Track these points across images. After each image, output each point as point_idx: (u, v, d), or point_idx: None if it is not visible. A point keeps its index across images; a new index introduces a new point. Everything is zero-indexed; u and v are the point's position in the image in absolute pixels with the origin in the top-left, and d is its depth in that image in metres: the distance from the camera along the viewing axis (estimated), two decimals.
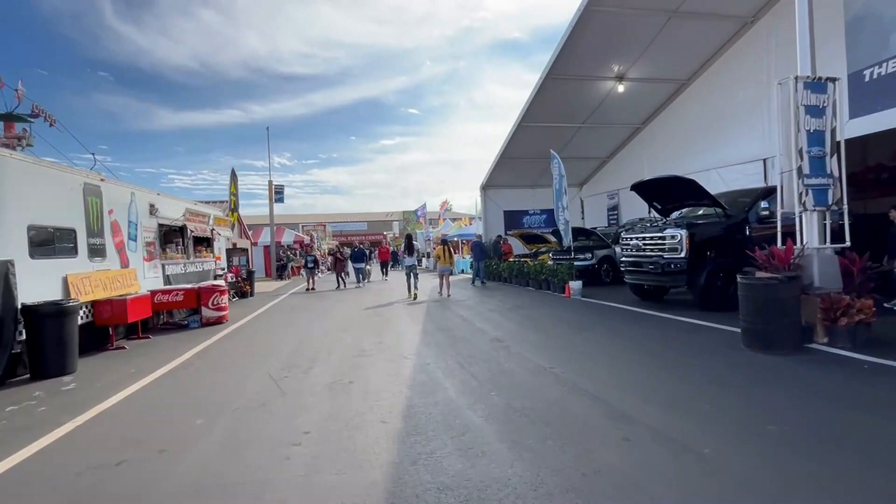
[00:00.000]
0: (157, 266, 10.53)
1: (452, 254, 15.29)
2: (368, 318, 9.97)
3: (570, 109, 16.54)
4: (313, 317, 10.74)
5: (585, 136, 18.19)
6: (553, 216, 23.04)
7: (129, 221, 9.44)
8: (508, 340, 6.99)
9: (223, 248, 15.78)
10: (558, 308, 10.07)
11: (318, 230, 45.92)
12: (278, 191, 29.73)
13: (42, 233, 6.90)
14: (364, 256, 19.64)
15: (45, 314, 6.23)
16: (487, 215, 22.06)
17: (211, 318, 10.16)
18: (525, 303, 11.15)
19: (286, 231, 33.97)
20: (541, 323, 8.44)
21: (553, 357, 5.90)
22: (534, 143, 18.30)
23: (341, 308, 12.02)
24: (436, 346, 6.85)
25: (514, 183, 21.76)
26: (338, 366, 6.03)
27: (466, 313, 9.90)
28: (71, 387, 5.71)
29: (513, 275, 15.66)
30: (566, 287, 11.50)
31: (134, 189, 9.86)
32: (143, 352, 7.71)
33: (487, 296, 13.11)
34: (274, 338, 8.44)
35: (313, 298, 14.71)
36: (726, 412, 3.83)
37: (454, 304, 11.68)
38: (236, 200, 21.09)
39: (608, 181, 20.43)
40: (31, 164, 6.82)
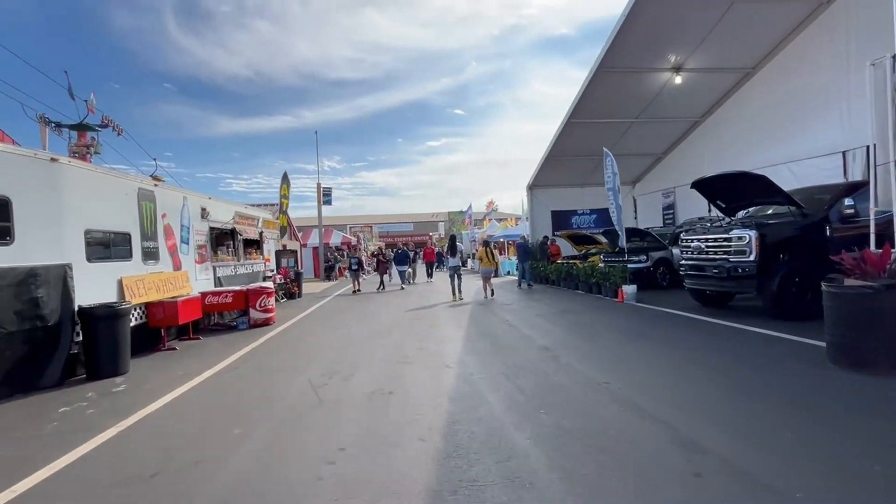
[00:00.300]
0: (208, 268, 10.80)
1: (495, 255, 14.98)
2: (412, 322, 9.79)
3: (622, 104, 15.77)
4: (357, 319, 10.68)
5: (639, 131, 17.31)
6: (603, 216, 22.28)
7: (182, 225, 9.71)
8: (557, 349, 6.57)
9: (272, 250, 16.13)
10: (611, 314, 9.50)
11: (365, 231, 46.66)
12: (326, 193, 30.37)
13: (98, 237, 7.14)
14: (407, 258, 19.50)
15: (98, 316, 6.41)
16: (534, 216, 21.49)
17: (258, 320, 10.30)
18: (574, 307, 10.62)
19: (334, 232, 34.65)
20: (592, 330, 7.94)
21: (607, 369, 5.44)
22: (583, 140, 17.60)
23: (385, 311, 11.92)
24: (479, 354, 6.54)
25: (563, 182, 21.07)
26: (378, 373, 5.84)
27: (512, 318, 9.51)
28: (121, 388, 5.82)
29: (561, 277, 15.09)
30: (619, 291, 10.87)
31: (186, 193, 10.15)
32: (193, 353, 7.85)
33: (534, 299, 12.65)
34: (318, 341, 8.40)
35: (358, 300, 14.77)
36: (816, 444, 3.30)
37: (499, 307, 11.31)
38: (287, 203, 21.62)
39: (663, 179, 19.37)
40: (87, 171, 7.07)
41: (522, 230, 25.00)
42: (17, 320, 5.69)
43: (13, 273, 5.65)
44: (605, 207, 22.24)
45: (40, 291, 5.96)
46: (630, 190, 21.77)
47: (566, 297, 12.63)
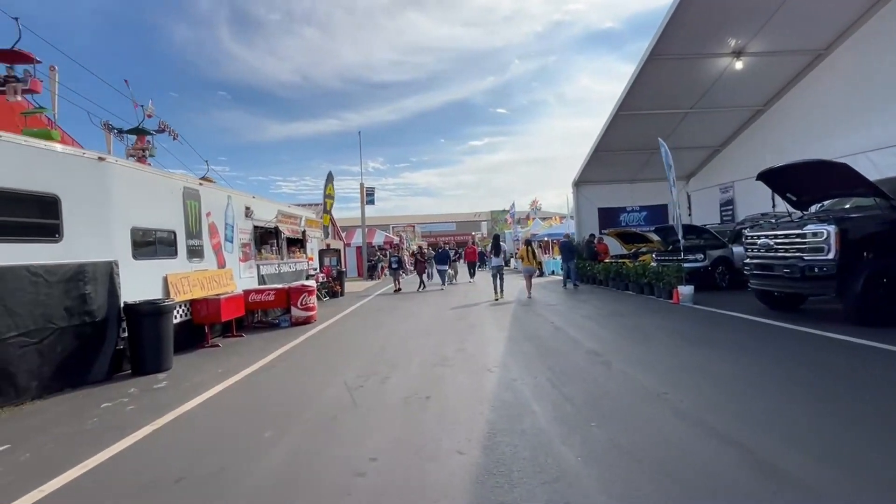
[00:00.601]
0: (252, 266, 10.93)
1: (536, 254, 14.58)
2: (452, 322, 9.49)
3: (675, 94, 14.85)
4: (397, 319, 10.50)
5: (693, 122, 16.28)
6: (654, 213, 21.22)
7: (226, 223, 9.84)
8: (608, 354, 6.08)
9: (315, 248, 16.30)
10: (666, 316, 8.84)
11: (408, 231, 46.93)
12: (369, 193, 30.63)
13: (144, 235, 7.26)
14: (447, 258, 19.06)
15: (143, 313, 6.49)
16: (580, 213, 20.73)
17: (300, 318, 10.31)
18: (625, 309, 10.00)
19: (377, 232, 34.97)
20: (645, 334, 7.36)
21: (665, 378, 4.93)
22: (632, 133, 16.75)
23: (425, 310, 11.69)
24: (523, 358, 6.15)
25: (610, 178, 20.20)
26: (416, 376, 5.57)
27: (557, 319, 9.04)
28: (162, 385, 5.84)
29: (609, 277, 14.37)
30: (674, 292, 10.14)
31: (230, 192, 10.29)
32: (235, 350, 7.88)
33: (580, 300, 12.06)
34: (356, 340, 8.26)
35: (398, 300, 14.62)
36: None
37: (543, 308, 10.83)
38: (331, 203, 21.89)
39: (720, 173, 18.17)
40: (133, 170, 7.21)
41: (567, 229, 24.26)
42: (67, 316, 5.81)
43: (62, 270, 5.77)
44: (656, 204, 21.35)
45: (88, 288, 6.08)
46: (684, 185, 20.59)
47: (615, 298, 11.97)
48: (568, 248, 16.47)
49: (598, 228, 20.31)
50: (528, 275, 13.65)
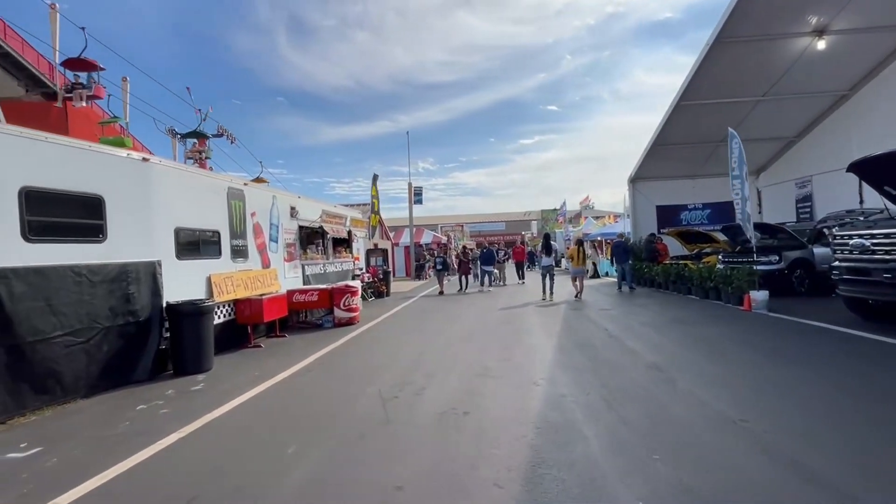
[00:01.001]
0: (297, 266, 10.92)
1: (587, 255, 14.16)
2: (497, 327, 9.01)
3: (744, 81, 13.59)
4: (440, 322, 10.14)
5: (765, 112, 14.88)
6: (718, 211, 19.69)
7: (271, 223, 9.84)
8: (671, 370, 5.41)
9: (362, 248, 16.26)
10: (736, 325, 7.95)
11: (456, 231, 46.65)
12: (417, 192, 30.58)
13: (188, 235, 7.29)
14: (492, 258, 18.05)
15: (183, 313, 6.47)
16: (637, 211, 19.57)
17: (343, 319, 10.17)
18: (688, 316, 9.13)
19: (425, 232, 34.89)
20: (715, 346, 6.58)
21: (743, 402, 4.25)
22: (695, 125, 15.56)
23: (470, 313, 11.26)
24: (574, 371, 5.59)
25: (670, 174, 18.93)
26: (455, 388, 5.16)
27: (612, 326, 8.35)
28: (199, 387, 5.76)
29: (669, 280, 13.35)
30: (745, 297, 9.16)
31: (275, 192, 10.30)
32: (275, 351, 7.79)
33: (637, 304, 11.22)
34: (396, 345, 7.96)
35: (443, 302, 14.23)
36: None
37: (597, 313, 10.12)
38: (377, 203, 21.93)
39: (796, 166, 16.57)
40: (178, 171, 7.25)
41: (621, 228, 23.11)
42: (111, 316, 5.85)
43: (106, 270, 5.81)
44: (720, 201, 19.78)
45: (132, 288, 6.11)
46: (753, 181, 18.96)
47: (676, 304, 11.04)
48: (622, 248, 15.54)
49: (656, 227, 19.11)
50: (578, 276, 13.33)
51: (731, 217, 19.72)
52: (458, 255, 18.38)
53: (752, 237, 9.46)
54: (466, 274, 17.57)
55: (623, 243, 16.01)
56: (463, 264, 17.56)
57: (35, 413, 4.93)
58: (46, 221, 5.30)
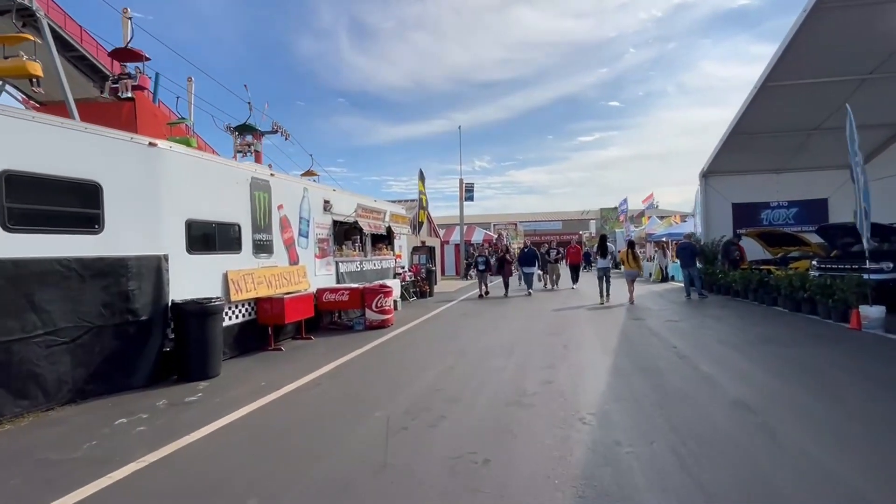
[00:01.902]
0: (329, 263, 10.29)
1: (638, 258, 13.34)
2: (542, 338, 7.87)
3: (846, 55, 11.50)
4: (478, 330, 9.11)
5: (873, 92, 12.60)
6: (807, 209, 17.23)
7: (301, 217, 9.23)
8: (767, 411, 4.11)
9: (405, 245, 15.52)
10: (845, 349, 6.36)
11: (510, 229, 45.19)
12: (468, 189, 29.67)
13: (202, 227, 6.73)
14: (534, 258, 16.21)
15: (188, 313, 5.88)
16: (709, 210, 17.55)
17: (374, 322, 9.40)
18: (778, 334, 7.56)
19: (476, 230, 33.87)
20: (823, 377, 5.14)
21: (879, 466, 2.95)
22: (783, 110, 13.52)
23: (514, 320, 10.15)
24: (633, 405, 4.41)
25: (750, 167, 16.81)
26: (479, 420, 4.15)
27: (682, 344, 6.98)
28: (195, 398, 5.11)
29: (749, 288, 11.55)
30: (853, 313, 7.45)
31: (307, 184, 9.69)
32: (294, 356, 7.11)
33: (711, 315, 9.65)
34: (424, 355, 7.04)
35: (485, 305, 13.05)
36: None
37: (662, 325, 8.71)
38: (425, 198, 21.19)
39: None
40: (192, 158, 6.70)
41: (690, 228, 21.02)
42: (105, 315, 5.33)
43: (100, 264, 5.29)
44: (810, 198, 17.31)
45: (131, 284, 5.57)
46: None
47: (760, 317, 9.37)
48: (689, 251, 13.67)
49: (731, 227, 17.04)
50: (630, 279, 12.61)
51: (822, 216, 17.40)
52: (500, 253, 16.33)
53: (867, 239, 7.68)
54: (508, 275, 15.95)
55: (690, 245, 14.20)
56: (507, 264, 15.85)
57: (10, 422, 4.43)
58: (31, 209, 4.82)
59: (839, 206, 16.58)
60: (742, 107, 13.77)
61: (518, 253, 18.17)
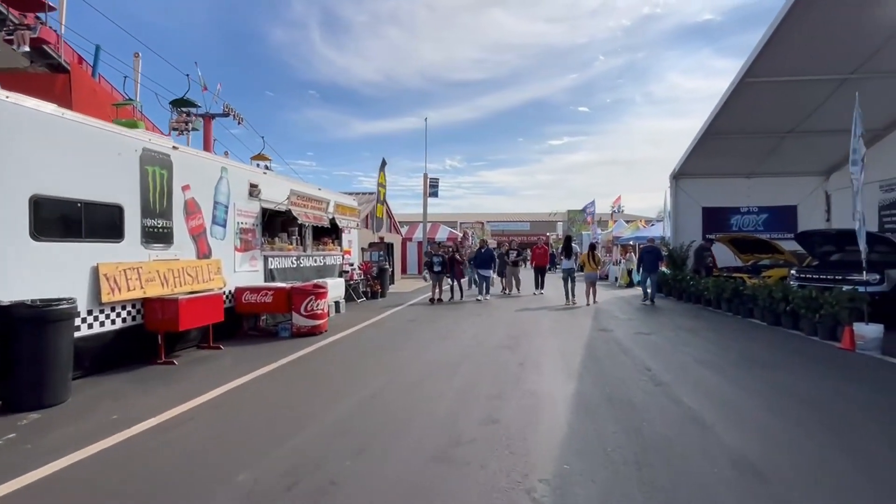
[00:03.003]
0: (255, 258, 8.80)
1: (599, 260, 13.95)
2: (496, 355, 6.66)
3: (830, 52, 10.81)
4: (422, 341, 7.85)
5: (849, 96, 11.97)
6: (778, 216, 16.74)
7: (217, 202, 7.73)
8: (781, 475, 3.00)
9: (355, 241, 14.09)
10: (848, 377, 5.42)
11: (476, 227, 44.18)
12: (433, 185, 28.33)
13: (59, 206, 5.20)
14: (490, 261, 14.23)
15: (17, 319, 4.37)
16: (679, 213, 16.83)
17: (303, 328, 8.00)
18: (763, 353, 6.60)
19: (441, 227, 32.64)
20: (835, 418, 4.11)
21: None
22: (759, 110, 12.81)
23: (465, 330, 8.92)
24: (603, 463, 3.22)
25: (721, 171, 16.16)
26: (383, 492, 2.87)
27: (656, 364, 5.91)
28: (0, 441, 3.64)
29: (723, 298, 10.71)
30: (846, 332, 6.56)
31: (226, 163, 8.18)
32: (184, 374, 5.66)
33: (684, 328, 8.69)
34: (348, 376, 5.71)
35: (437, 312, 11.46)
36: None
37: (633, 340, 7.67)
38: (384, 192, 19.79)
39: (882, 165, 13.57)
40: (45, 115, 5.13)
41: (660, 231, 20.41)
42: None
43: None
44: (782, 205, 16.81)
45: None
46: (821, 183, 16.07)
47: (738, 331, 8.47)
48: (653, 255, 13.27)
49: (701, 232, 16.39)
50: (590, 281, 12.87)
51: (792, 224, 16.96)
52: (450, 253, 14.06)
53: (864, 248, 6.81)
54: (459, 277, 14.09)
55: (655, 249, 13.74)
56: (456, 264, 13.74)
57: None
58: None
59: (808, 213, 16.15)
60: (718, 104, 12.99)
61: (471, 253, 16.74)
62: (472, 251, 18.99)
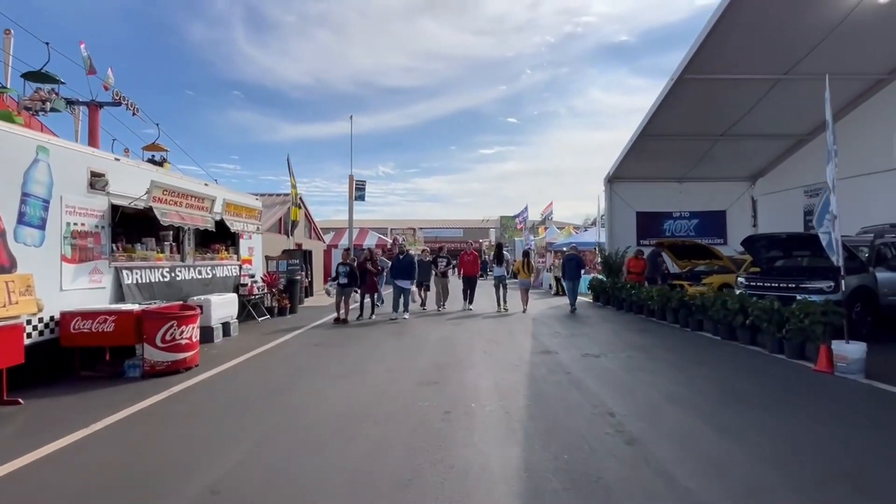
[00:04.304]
0: (99, 271, 6.62)
1: (533, 267, 14.43)
2: (412, 399, 5.05)
3: (767, 50, 10.39)
4: (318, 379, 6.09)
5: (782, 97, 11.79)
6: (708, 221, 16.56)
7: (26, 195, 5.55)
8: None
9: (258, 247, 11.98)
10: (840, 413, 4.38)
11: (408, 234, 42.54)
12: (359, 187, 26.27)
13: None
14: (410, 269, 11.60)
15: None
16: (614, 218, 16.26)
17: (159, 364, 5.97)
18: (737, 384, 5.50)
19: (369, 233, 30.68)
20: (857, 481, 2.92)
21: None
22: (696, 110, 12.36)
23: (377, 361, 7.22)
24: None
25: (655, 174, 15.80)
26: None
27: (620, 405, 4.60)
28: None
29: (668, 308, 9.86)
30: (821, 352, 5.64)
31: (46, 141, 5.97)
32: None
33: (634, 346, 7.59)
34: (187, 449, 3.85)
35: (346, 334, 9.09)
36: None
37: (582, 365, 6.40)
38: (296, 192, 17.67)
39: (806, 171, 13.62)
40: None
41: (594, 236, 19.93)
42: None
43: None
44: (711, 210, 16.66)
45: None
46: (747, 188, 16.13)
47: (692, 347, 7.51)
48: (576, 262, 13.11)
49: (635, 237, 15.89)
50: (524, 288, 12.89)
51: (721, 230, 16.92)
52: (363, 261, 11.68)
53: (839, 255, 5.91)
54: (372, 291, 11.65)
55: (577, 256, 13.47)
56: (367, 276, 11.35)
57: None
58: None
59: (736, 219, 16.16)
60: (655, 102, 12.35)
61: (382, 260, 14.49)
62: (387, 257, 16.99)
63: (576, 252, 14.14)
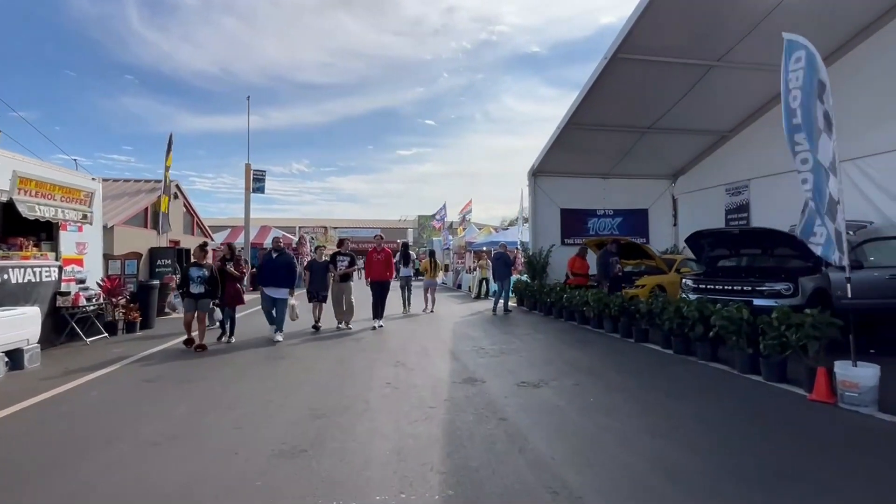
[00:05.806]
0: None
1: (438, 266, 14.58)
2: (259, 482, 3.04)
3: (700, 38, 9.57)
4: (111, 455, 3.84)
5: (710, 87, 11.12)
6: (632, 220, 15.90)
7: None
8: None
9: (95, 242, 9.07)
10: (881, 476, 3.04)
11: (319, 233, 39.41)
12: (258, 178, 23.18)
13: None
14: (290, 273, 8.48)
15: None
16: (538, 215, 15.05)
17: None
18: (726, 427, 4.10)
19: (272, 230, 27.41)
20: None
21: None
22: (623, 97, 11.37)
23: (223, 414, 5.07)
24: None
25: (580, 169, 14.83)
26: None
27: (580, 479, 2.96)
28: None
29: (605, 315, 8.56)
30: (818, 377, 4.40)
31: None
32: None
33: (578, 368, 6.09)
34: None
35: (194, 365, 6.43)
36: None
37: (518, 401, 4.72)
38: (169, 178, 14.57)
39: (729, 168, 13.28)
40: None
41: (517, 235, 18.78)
42: None
43: None
44: (634, 208, 16.06)
45: None
46: (668, 186, 15.72)
47: (646, 367, 6.15)
48: (503, 262, 12.21)
49: (560, 235, 14.84)
50: (429, 287, 12.97)
51: (643, 229, 16.39)
52: (219, 263, 8.25)
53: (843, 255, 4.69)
54: (235, 303, 8.25)
55: (504, 255, 12.44)
56: (227, 284, 8.03)
57: None
58: None
59: (658, 218, 15.71)
60: (585, 87, 11.20)
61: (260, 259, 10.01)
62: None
63: (505, 250, 12.91)
